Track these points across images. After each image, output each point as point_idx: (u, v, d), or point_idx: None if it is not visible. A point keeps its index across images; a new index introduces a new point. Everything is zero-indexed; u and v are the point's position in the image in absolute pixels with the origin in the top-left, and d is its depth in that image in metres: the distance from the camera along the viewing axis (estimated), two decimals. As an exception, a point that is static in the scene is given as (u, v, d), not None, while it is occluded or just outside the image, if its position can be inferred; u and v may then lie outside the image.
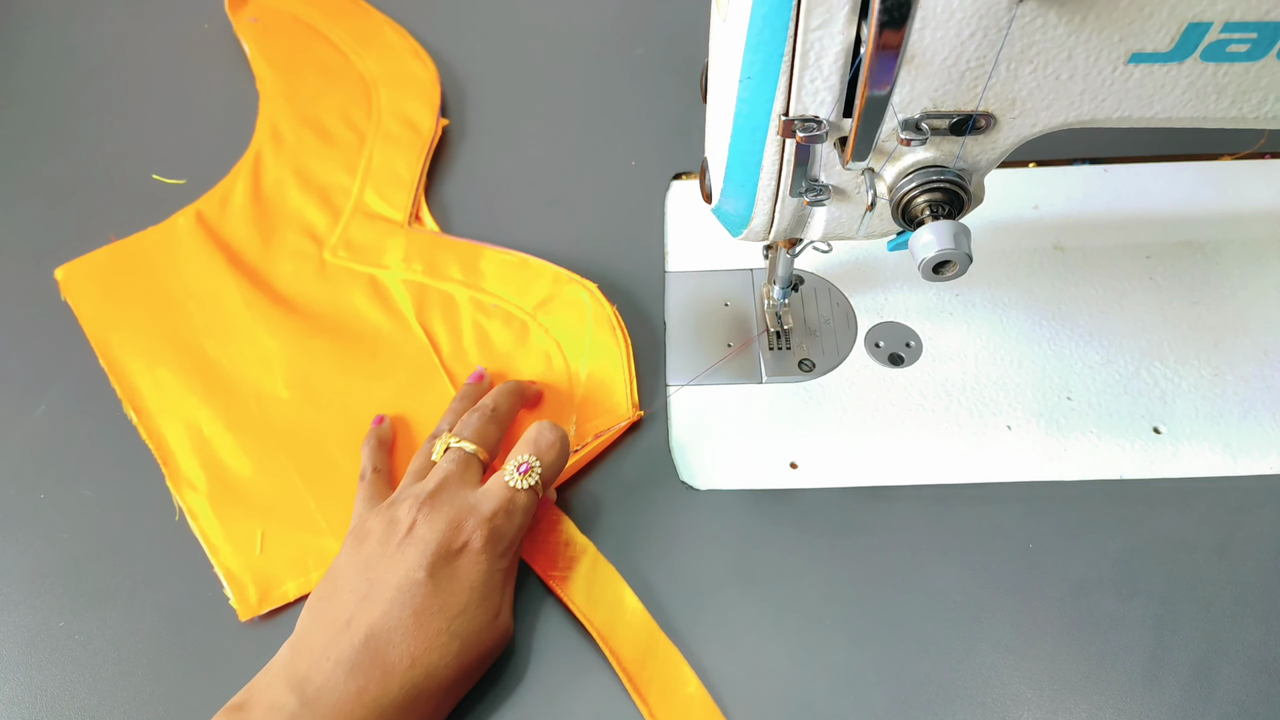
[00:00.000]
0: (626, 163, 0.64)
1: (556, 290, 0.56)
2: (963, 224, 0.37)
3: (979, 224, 0.47)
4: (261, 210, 0.62)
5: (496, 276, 0.57)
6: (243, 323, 0.56)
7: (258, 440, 0.52)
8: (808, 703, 0.42)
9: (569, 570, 0.46)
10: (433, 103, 0.67)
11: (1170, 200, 0.59)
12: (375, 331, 0.56)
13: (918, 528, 0.47)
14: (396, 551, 0.41)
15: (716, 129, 0.39)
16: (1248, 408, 0.50)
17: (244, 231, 0.61)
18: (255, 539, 0.48)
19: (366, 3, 0.75)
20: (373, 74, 0.69)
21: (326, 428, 0.52)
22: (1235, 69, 0.34)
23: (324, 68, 0.71)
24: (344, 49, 0.71)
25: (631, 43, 0.71)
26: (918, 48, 0.33)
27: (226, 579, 0.47)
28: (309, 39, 0.73)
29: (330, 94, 0.69)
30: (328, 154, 0.65)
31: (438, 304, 0.56)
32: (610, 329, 0.53)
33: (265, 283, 0.58)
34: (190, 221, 0.62)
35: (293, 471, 0.51)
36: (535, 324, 0.55)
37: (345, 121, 0.67)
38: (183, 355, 0.55)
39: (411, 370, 0.54)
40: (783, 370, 0.53)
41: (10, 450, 0.53)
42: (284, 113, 0.67)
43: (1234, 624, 0.43)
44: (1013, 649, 0.43)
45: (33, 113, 0.71)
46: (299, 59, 0.71)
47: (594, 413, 0.51)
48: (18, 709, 0.44)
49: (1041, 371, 0.52)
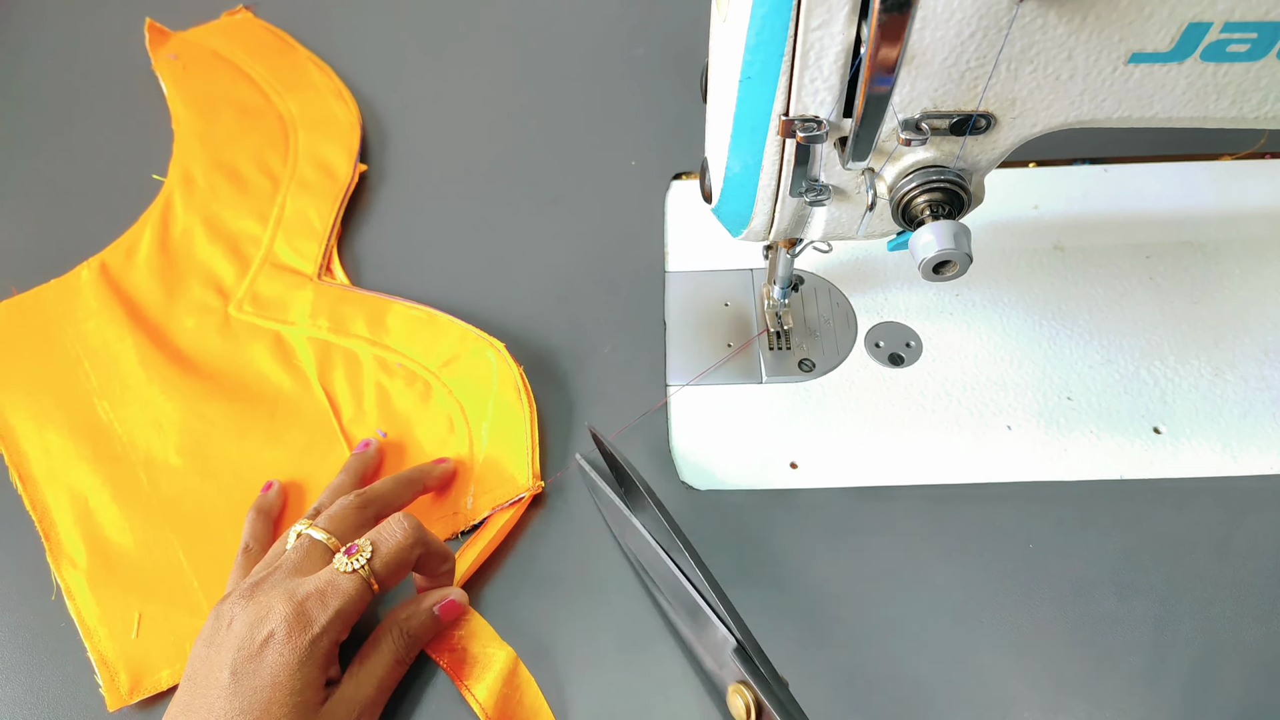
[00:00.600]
0: (626, 163, 0.64)
1: (463, 348, 0.53)
2: (963, 224, 0.37)
3: (979, 224, 0.47)
4: (168, 261, 0.60)
5: (402, 333, 0.55)
6: (137, 383, 0.54)
7: (143, 512, 0.50)
8: (808, 703, 0.42)
9: (480, 677, 0.43)
10: (351, 147, 0.65)
11: (1170, 200, 0.59)
12: (276, 392, 0.54)
13: (918, 528, 0.47)
14: (215, 654, 0.38)
15: (716, 129, 0.39)
16: (1248, 408, 0.50)
17: (148, 284, 0.59)
18: (133, 621, 0.46)
19: (291, 39, 0.74)
20: (293, 115, 0.68)
21: (216, 497, 0.50)
22: (1235, 69, 0.34)
23: (243, 108, 0.69)
24: (265, 88, 0.70)
25: (631, 43, 0.71)
26: (918, 48, 0.33)
27: (98, 664, 0.45)
28: (229, 77, 0.71)
29: (247, 136, 0.67)
30: (240, 201, 0.63)
31: (341, 362, 0.54)
32: (516, 391, 0.51)
33: (166, 340, 0.57)
34: (94, 274, 0.60)
35: (176, 546, 0.49)
36: (439, 384, 0.53)
37: (260, 166, 0.65)
38: (74, 418, 0.53)
39: (310, 434, 0.52)
40: (783, 370, 0.53)
41: (10, 450, 0.53)
42: (197, 156, 0.66)
43: (1234, 624, 0.43)
44: (1013, 649, 0.43)
45: (33, 113, 0.71)
46: (217, 98, 0.69)
47: (492, 483, 0.49)
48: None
49: (1041, 371, 0.52)
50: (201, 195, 0.63)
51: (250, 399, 0.54)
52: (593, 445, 0.49)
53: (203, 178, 0.64)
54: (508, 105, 0.69)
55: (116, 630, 0.46)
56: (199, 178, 0.64)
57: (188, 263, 0.60)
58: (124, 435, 0.53)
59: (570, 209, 0.62)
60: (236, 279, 0.59)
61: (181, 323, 0.57)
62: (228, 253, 0.60)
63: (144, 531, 0.49)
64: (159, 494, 0.51)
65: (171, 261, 0.60)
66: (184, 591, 0.48)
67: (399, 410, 0.53)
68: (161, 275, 0.60)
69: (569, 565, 0.47)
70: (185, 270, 0.60)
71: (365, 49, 0.74)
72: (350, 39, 0.75)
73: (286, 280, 0.58)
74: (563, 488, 0.49)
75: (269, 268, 0.59)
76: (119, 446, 0.52)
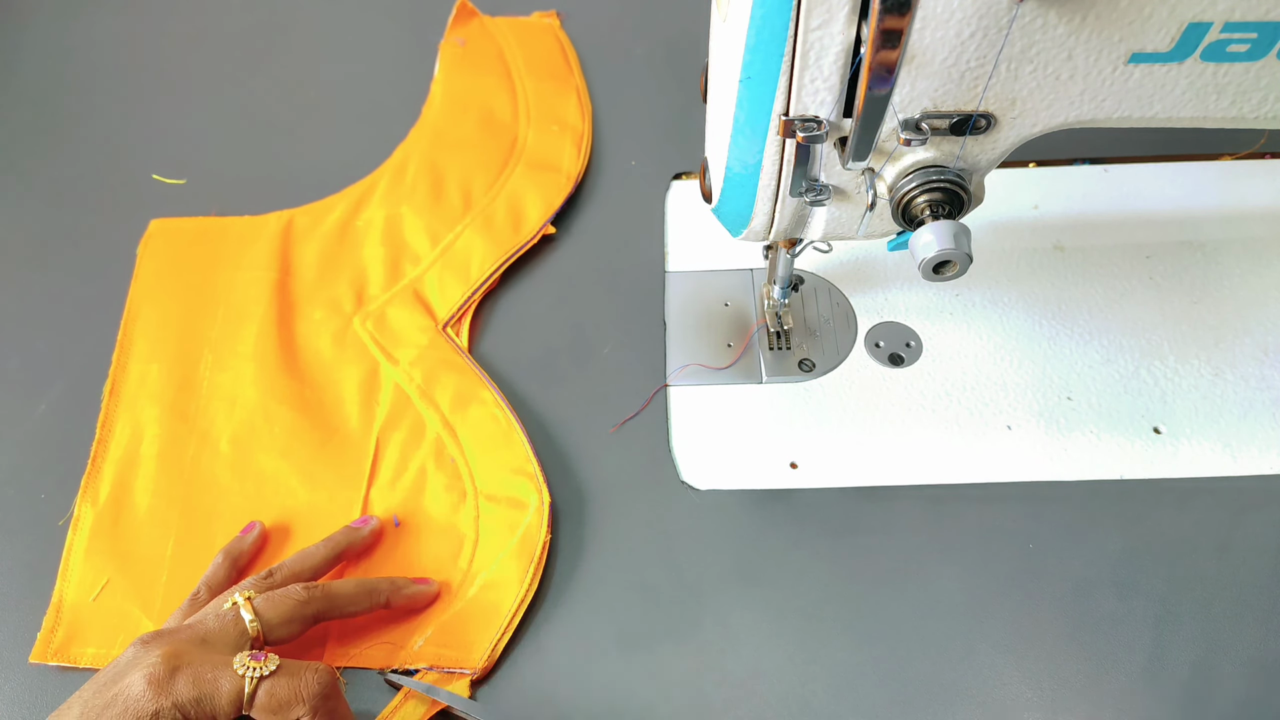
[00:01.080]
0: (626, 163, 0.64)
1: (513, 482, 0.49)
2: (963, 224, 0.37)
3: (979, 224, 0.47)
4: (340, 244, 0.60)
5: (474, 429, 0.52)
6: (244, 352, 0.55)
7: (170, 481, 0.50)
8: (808, 703, 0.42)
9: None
10: (552, 203, 0.60)
11: (1170, 200, 0.59)
12: (340, 424, 0.52)
13: (918, 528, 0.47)
14: (89, 681, 0.37)
15: (716, 129, 0.39)
16: (1248, 408, 0.50)
17: (312, 259, 0.59)
18: (99, 583, 0.47)
19: (575, 63, 0.69)
20: (524, 145, 0.64)
21: (234, 501, 0.50)
22: (1235, 69, 0.34)
23: (489, 117, 0.65)
24: (519, 106, 0.66)
25: (631, 43, 0.71)
26: (918, 48, 0.33)
27: (51, 609, 0.46)
28: (496, 82, 0.67)
29: (473, 149, 0.64)
30: (430, 211, 0.60)
31: (408, 425, 0.52)
32: (528, 562, 0.47)
33: (290, 322, 0.56)
34: (280, 225, 0.60)
35: (172, 532, 0.49)
36: (472, 505, 0.49)
37: (463, 184, 0.62)
38: (179, 358, 0.55)
39: (338, 484, 0.50)
40: (783, 370, 0.53)
41: (10, 450, 0.53)
42: (422, 148, 0.64)
43: (1234, 624, 0.43)
44: (1013, 649, 0.43)
45: (33, 113, 0.71)
46: (471, 99, 0.66)
47: (450, 640, 0.45)
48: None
49: (1041, 371, 0.52)
50: (403, 189, 0.62)
51: (316, 418, 0.53)
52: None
53: (413, 172, 0.63)
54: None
55: (85, 584, 0.47)
56: (410, 171, 0.63)
57: (353, 254, 0.59)
58: (205, 397, 0.54)
59: (570, 208, 0.62)
60: (379, 290, 0.57)
61: (311, 312, 0.57)
62: (389, 260, 0.59)
63: (158, 501, 0.50)
64: (194, 471, 0.51)
65: (342, 245, 0.60)
66: (149, 582, 0.47)
67: (425, 507, 0.50)
68: (327, 256, 0.59)
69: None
70: (346, 260, 0.59)
71: (361, 48, 0.74)
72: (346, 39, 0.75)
73: (415, 315, 0.56)
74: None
75: (410, 294, 0.57)
76: (193, 406, 0.53)
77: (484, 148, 0.64)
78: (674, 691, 0.43)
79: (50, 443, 0.53)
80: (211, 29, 0.75)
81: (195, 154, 0.67)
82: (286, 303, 0.57)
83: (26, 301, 0.59)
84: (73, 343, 0.57)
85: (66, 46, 0.75)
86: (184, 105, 0.71)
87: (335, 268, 0.59)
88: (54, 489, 0.51)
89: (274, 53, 0.73)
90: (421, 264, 0.58)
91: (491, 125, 0.65)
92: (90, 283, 0.60)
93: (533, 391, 0.53)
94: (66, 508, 0.50)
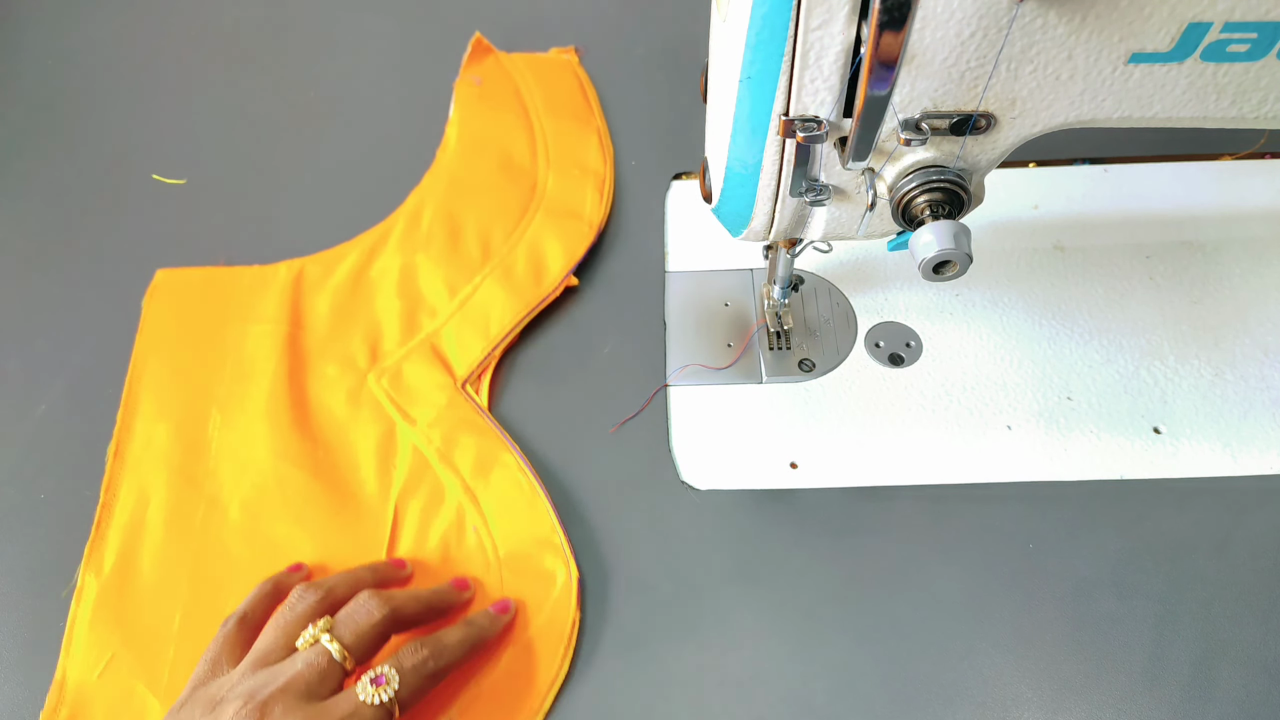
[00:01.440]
0: (627, 163, 0.64)
1: (537, 551, 0.48)
2: (963, 224, 0.37)
3: (979, 224, 0.47)
4: (353, 295, 0.57)
5: (496, 496, 0.50)
6: (253, 411, 0.53)
7: (179, 549, 0.48)
8: (808, 703, 0.42)
9: None
10: (574, 252, 0.58)
11: (1170, 200, 0.59)
12: (356, 489, 0.50)
13: (918, 528, 0.47)
14: None
15: (716, 129, 0.39)
16: (1248, 408, 0.50)
17: (324, 311, 0.57)
18: (104, 658, 0.45)
19: (595, 102, 0.66)
20: (544, 191, 0.61)
21: (243, 571, 0.48)
22: (1235, 69, 0.34)
23: (507, 161, 0.62)
24: (539, 149, 0.63)
25: (631, 43, 0.71)
26: (918, 48, 0.33)
27: (55, 685, 0.44)
28: (513, 122, 0.65)
29: (491, 194, 0.61)
30: (448, 260, 0.58)
31: (426, 492, 0.50)
32: (559, 640, 0.45)
33: (301, 379, 0.54)
34: (290, 275, 0.58)
35: (179, 603, 0.47)
36: (495, 576, 0.48)
37: (481, 232, 0.59)
38: (186, 418, 0.53)
39: (351, 554, 0.48)
40: (783, 370, 0.53)
41: (10, 450, 0.53)
42: (438, 193, 0.61)
43: (1234, 624, 0.43)
44: (1013, 649, 0.43)
45: (33, 113, 0.71)
46: (489, 141, 0.64)
47: (481, 712, 0.43)
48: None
49: (1041, 371, 0.52)
50: (419, 237, 0.59)
51: (330, 484, 0.50)
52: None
53: (429, 219, 0.60)
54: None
55: (89, 660, 0.45)
56: (426, 217, 0.60)
57: (366, 306, 0.56)
58: (213, 458, 0.51)
59: (570, 209, 0.62)
60: (395, 345, 0.55)
61: (324, 368, 0.54)
62: (404, 312, 0.56)
63: (165, 571, 0.48)
64: (202, 540, 0.49)
65: (355, 297, 0.57)
66: (156, 657, 0.45)
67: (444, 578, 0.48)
68: (340, 308, 0.57)
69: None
70: (360, 313, 0.56)
71: (361, 48, 0.74)
72: (346, 39, 0.75)
73: (433, 372, 0.54)
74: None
75: (427, 349, 0.54)
76: (201, 469, 0.51)
77: (503, 193, 0.61)
78: (674, 691, 0.43)
79: (50, 442, 0.53)
80: (212, 30, 0.75)
81: (196, 154, 0.67)
82: (298, 358, 0.55)
83: (26, 301, 0.59)
84: (73, 343, 0.57)
85: (66, 46, 0.75)
86: (184, 105, 0.71)
87: (348, 320, 0.56)
88: (54, 488, 0.51)
89: (282, 59, 0.73)
90: (439, 317, 0.56)
91: (510, 169, 0.62)
92: (90, 283, 0.60)
93: (533, 391, 0.53)
94: (67, 507, 0.50)
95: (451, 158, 0.63)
